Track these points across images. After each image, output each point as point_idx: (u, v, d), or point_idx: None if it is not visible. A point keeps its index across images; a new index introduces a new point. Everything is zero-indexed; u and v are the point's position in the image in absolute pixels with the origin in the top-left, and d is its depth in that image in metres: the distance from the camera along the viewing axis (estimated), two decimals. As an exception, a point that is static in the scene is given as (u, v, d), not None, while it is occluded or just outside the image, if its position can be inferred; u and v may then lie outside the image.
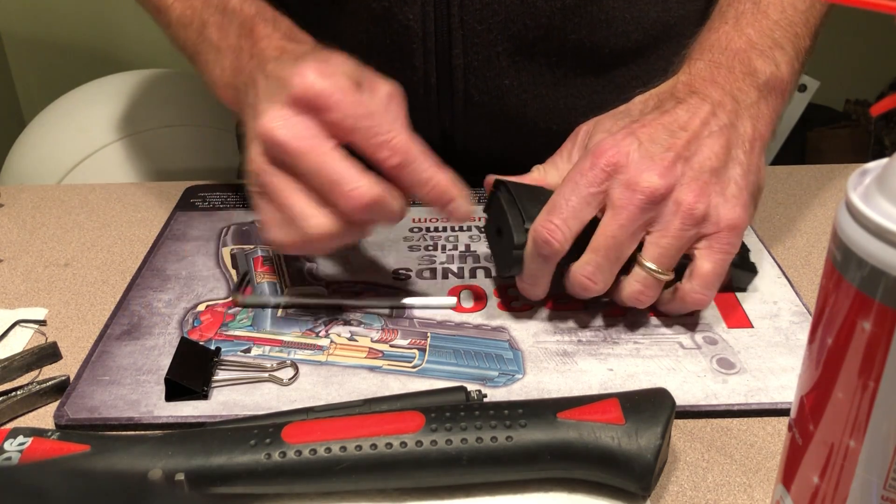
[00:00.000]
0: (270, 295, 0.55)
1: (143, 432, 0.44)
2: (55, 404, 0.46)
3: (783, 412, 0.44)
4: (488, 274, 0.57)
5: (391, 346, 0.49)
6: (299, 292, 0.55)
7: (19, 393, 0.45)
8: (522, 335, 0.50)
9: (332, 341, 0.50)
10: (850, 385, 0.28)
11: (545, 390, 0.46)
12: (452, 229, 0.62)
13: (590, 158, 0.47)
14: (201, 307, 0.53)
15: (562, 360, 0.48)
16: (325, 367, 0.48)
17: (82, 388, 0.46)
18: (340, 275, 0.57)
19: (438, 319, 0.52)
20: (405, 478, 0.38)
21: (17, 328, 0.52)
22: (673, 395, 0.40)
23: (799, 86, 1.62)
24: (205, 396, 0.45)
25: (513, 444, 0.37)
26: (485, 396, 0.43)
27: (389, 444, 0.37)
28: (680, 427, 0.44)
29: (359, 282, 0.56)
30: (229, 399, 0.45)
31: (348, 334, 0.51)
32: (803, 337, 0.50)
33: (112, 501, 0.37)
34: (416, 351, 0.49)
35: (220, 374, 0.47)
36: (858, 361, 0.27)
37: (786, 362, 0.48)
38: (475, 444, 0.37)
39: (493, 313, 0.52)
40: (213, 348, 0.49)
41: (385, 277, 0.56)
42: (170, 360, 0.47)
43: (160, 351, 0.49)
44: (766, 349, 0.49)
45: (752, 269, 0.54)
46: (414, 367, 0.48)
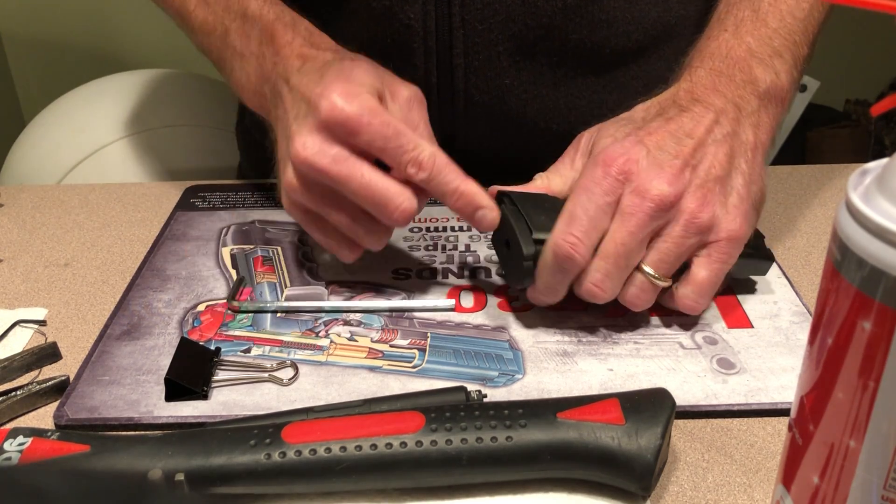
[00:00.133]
0: (270, 295, 0.55)
1: (143, 432, 0.44)
2: (55, 404, 0.46)
3: (783, 412, 0.44)
4: (488, 274, 0.57)
5: (391, 346, 0.49)
6: (299, 292, 0.55)
7: (19, 393, 0.45)
8: (522, 335, 0.50)
9: (332, 341, 0.50)
10: (850, 385, 0.28)
11: (545, 390, 0.46)
12: (452, 229, 0.62)
13: (601, 167, 0.46)
14: (201, 307, 0.53)
15: (562, 360, 0.48)
16: (325, 367, 0.48)
17: (82, 388, 0.46)
18: (340, 275, 0.57)
19: (438, 319, 0.52)
20: (405, 478, 0.38)
21: (17, 328, 0.52)
22: (673, 395, 0.40)
23: (799, 86, 1.62)
24: (205, 396, 0.45)
25: (513, 444, 0.37)
26: (485, 396, 0.43)
27: (389, 444, 0.37)
28: (680, 427, 0.43)
29: (359, 282, 0.56)
30: (229, 399, 0.45)
31: (348, 334, 0.51)
32: (803, 337, 0.50)
33: (112, 501, 0.37)
34: (416, 351, 0.49)
35: (220, 375, 0.47)
36: (858, 361, 0.27)
37: (786, 362, 0.48)
38: (475, 444, 0.37)
39: (493, 313, 0.52)
40: (212, 348, 0.49)
41: (385, 277, 0.56)
42: (170, 360, 0.47)
43: (160, 351, 0.49)
44: (766, 349, 0.49)
45: (768, 257, 0.54)
46: (414, 367, 0.48)
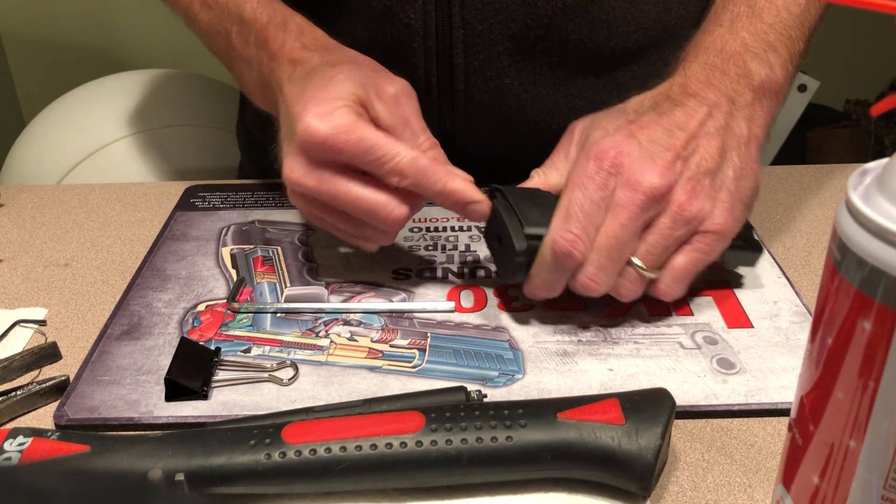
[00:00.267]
0: (270, 295, 0.55)
1: (143, 432, 0.44)
2: (55, 404, 0.46)
3: (783, 412, 0.44)
4: (488, 274, 0.57)
5: (391, 346, 0.49)
6: (299, 292, 0.55)
7: (19, 393, 0.45)
8: (522, 335, 0.50)
9: (332, 341, 0.50)
10: (850, 385, 0.28)
11: (545, 390, 0.46)
12: (452, 229, 0.62)
13: (593, 161, 0.47)
14: (201, 307, 0.53)
15: (562, 360, 0.48)
16: (325, 367, 0.48)
17: (82, 388, 0.46)
18: (340, 275, 0.57)
19: (438, 319, 0.52)
20: (405, 478, 0.38)
21: (17, 328, 0.52)
22: (673, 395, 0.40)
23: (799, 86, 1.62)
24: (205, 396, 0.45)
25: (513, 444, 0.37)
26: (485, 396, 0.43)
27: (389, 444, 0.37)
28: (680, 427, 0.43)
29: (359, 282, 0.56)
30: (229, 399, 0.45)
31: (348, 334, 0.51)
32: (803, 337, 0.50)
33: (112, 501, 0.37)
34: (416, 351, 0.49)
35: (220, 374, 0.47)
36: (858, 361, 0.27)
37: (786, 362, 0.48)
38: (475, 444, 0.37)
39: (493, 313, 0.52)
40: (212, 348, 0.49)
41: (385, 277, 0.56)
42: (170, 360, 0.47)
43: (160, 351, 0.49)
44: (766, 349, 0.49)
45: (757, 248, 0.54)
46: (414, 367, 0.48)
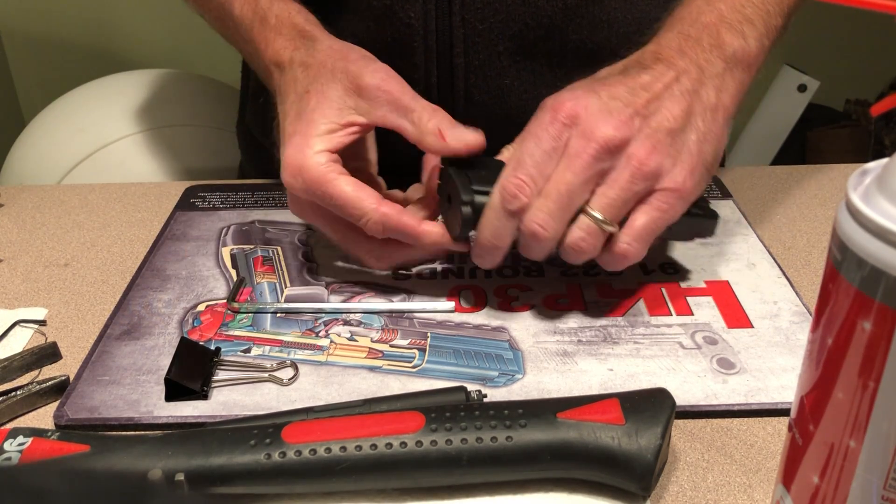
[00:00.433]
0: (270, 295, 0.55)
1: (143, 432, 0.44)
2: (55, 404, 0.46)
3: (783, 412, 0.44)
4: (488, 274, 0.56)
5: (391, 346, 0.49)
6: (299, 292, 0.55)
7: (19, 393, 0.45)
8: (522, 335, 0.50)
9: (331, 341, 0.50)
10: (850, 385, 0.28)
11: (545, 390, 0.46)
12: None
13: (549, 112, 0.47)
14: (201, 307, 0.53)
15: (562, 360, 0.48)
16: (325, 367, 0.48)
17: (82, 388, 0.46)
18: (340, 275, 0.57)
19: (438, 319, 0.52)
20: (405, 478, 0.38)
21: (17, 328, 0.52)
22: (673, 395, 0.40)
23: (799, 86, 1.62)
24: (205, 396, 0.45)
25: (513, 444, 0.37)
26: (485, 396, 0.43)
27: (389, 444, 0.37)
28: (680, 427, 0.43)
29: (359, 282, 0.56)
30: (229, 399, 0.45)
31: (348, 334, 0.51)
32: (803, 337, 0.50)
33: (112, 501, 0.37)
34: (416, 351, 0.49)
35: (220, 374, 0.47)
36: (858, 361, 0.27)
37: (786, 362, 0.48)
38: (475, 444, 0.37)
39: (493, 313, 0.52)
40: (212, 348, 0.49)
41: (385, 277, 0.56)
42: (170, 360, 0.47)
43: (160, 351, 0.49)
44: (766, 349, 0.49)
45: (713, 216, 0.54)
46: (414, 367, 0.48)
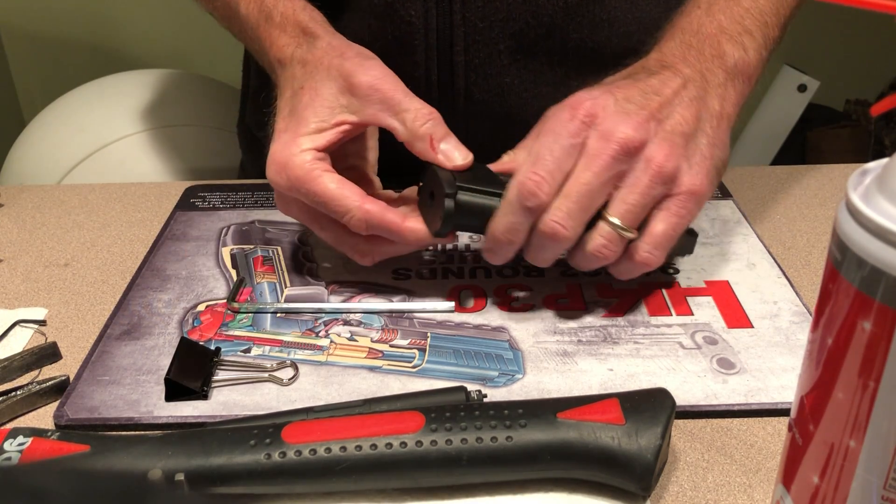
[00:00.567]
0: (270, 295, 0.55)
1: (143, 432, 0.44)
2: (55, 404, 0.46)
3: (783, 412, 0.44)
4: (488, 274, 0.57)
5: (391, 346, 0.49)
6: (299, 292, 0.55)
7: (19, 393, 0.45)
8: (522, 335, 0.50)
9: (332, 341, 0.50)
10: (850, 385, 0.28)
11: (545, 390, 0.46)
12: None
13: (568, 110, 0.47)
14: (201, 307, 0.53)
15: (562, 360, 0.48)
16: (325, 367, 0.48)
17: (82, 388, 0.46)
18: (340, 275, 0.57)
19: (438, 319, 0.52)
20: (405, 478, 0.38)
21: (17, 328, 0.52)
22: (673, 395, 0.40)
23: (799, 86, 1.62)
24: (205, 396, 0.45)
25: (513, 444, 0.37)
26: (485, 396, 0.43)
27: (389, 444, 0.37)
28: (680, 427, 0.43)
29: (359, 282, 0.56)
30: (229, 399, 0.45)
31: (348, 334, 0.51)
32: (803, 337, 0.50)
33: (112, 501, 0.37)
34: (416, 351, 0.49)
35: (220, 374, 0.47)
36: (858, 361, 0.27)
37: (786, 362, 0.48)
38: (475, 444, 0.37)
39: (493, 313, 0.52)
40: (213, 348, 0.49)
41: (385, 277, 0.56)
42: (170, 360, 0.47)
43: (160, 351, 0.49)
44: (766, 349, 0.49)
45: (693, 233, 0.55)
46: (414, 367, 0.48)
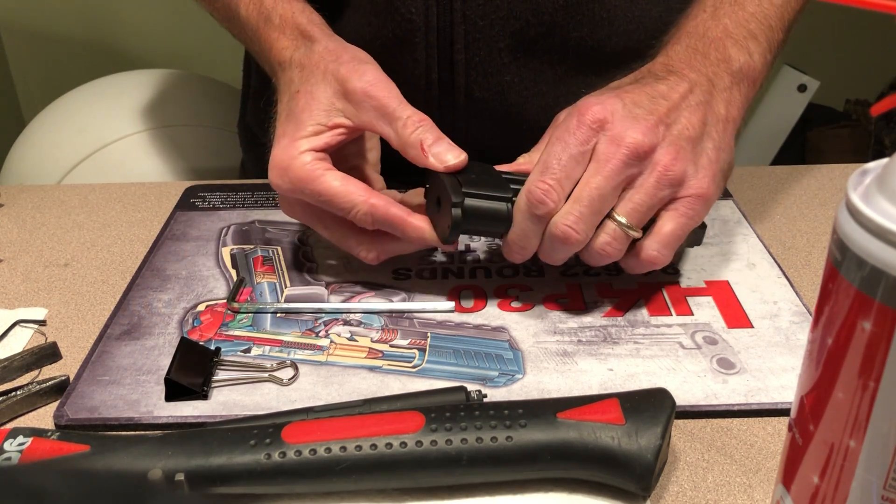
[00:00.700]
0: (270, 295, 0.55)
1: (142, 432, 0.44)
2: (55, 404, 0.46)
3: (783, 412, 0.44)
4: (488, 274, 0.57)
5: (391, 346, 0.49)
6: (299, 292, 0.55)
7: (19, 393, 0.45)
8: (522, 335, 0.50)
9: (331, 341, 0.50)
10: (850, 385, 0.28)
11: (545, 390, 0.46)
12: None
13: (576, 116, 0.48)
14: (201, 307, 0.53)
15: (562, 360, 0.48)
16: (325, 367, 0.48)
17: (82, 388, 0.46)
18: (340, 275, 0.57)
19: (438, 319, 0.52)
20: (405, 478, 0.38)
21: (17, 328, 0.52)
22: (673, 395, 0.40)
23: (799, 86, 1.62)
24: (205, 396, 0.45)
25: (513, 444, 0.37)
26: (485, 396, 0.43)
27: (389, 444, 0.37)
28: (680, 427, 0.43)
29: (359, 282, 0.56)
30: (229, 399, 0.45)
31: (348, 334, 0.51)
32: (803, 337, 0.50)
33: (112, 501, 0.37)
34: (416, 351, 0.49)
35: (220, 374, 0.47)
36: (858, 361, 0.27)
37: (786, 362, 0.48)
38: (475, 444, 0.37)
39: (493, 313, 0.52)
40: (213, 348, 0.49)
41: (385, 277, 0.56)
42: (170, 360, 0.47)
43: (160, 351, 0.49)
44: (766, 349, 0.49)
45: (702, 224, 0.54)
46: (414, 367, 0.48)
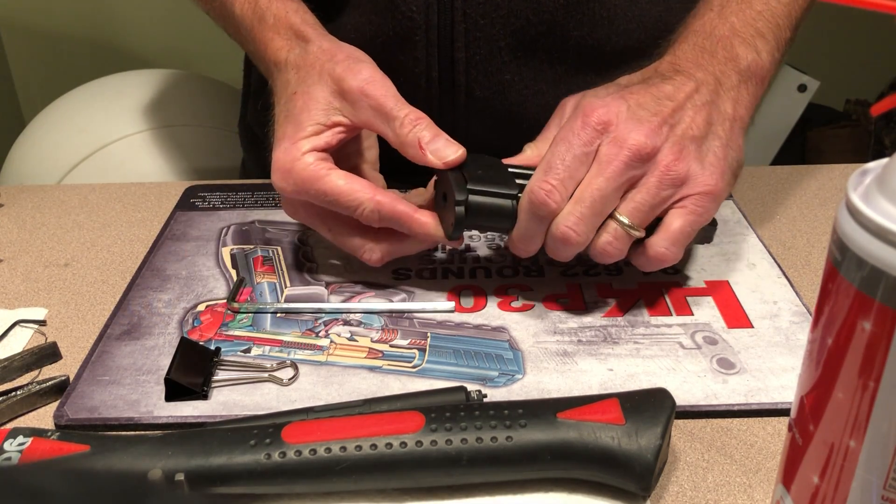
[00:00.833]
0: (270, 295, 0.55)
1: (142, 432, 0.44)
2: (55, 404, 0.46)
3: (783, 412, 0.44)
4: (488, 274, 0.57)
5: (391, 346, 0.49)
6: (299, 292, 0.55)
7: (19, 393, 0.45)
8: (522, 335, 0.50)
9: (332, 341, 0.50)
10: (850, 385, 0.28)
11: (545, 390, 0.46)
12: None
13: (580, 118, 0.48)
14: (201, 307, 0.53)
15: (562, 360, 0.48)
16: (325, 367, 0.48)
17: (82, 388, 0.46)
18: (340, 275, 0.57)
19: (438, 319, 0.52)
20: (405, 478, 0.38)
21: (17, 328, 0.52)
22: (673, 395, 0.40)
23: (799, 86, 1.62)
24: (205, 396, 0.45)
25: (513, 444, 0.37)
26: (485, 396, 0.43)
27: (389, 444, 0.37)
28: (680, 427, 0.43)
29: (359, 282, 0.56)
30: (229, 399, 0.45)
31: (348, 334, 0.51)
32: (803, 337, 0.50)
33: (112, 501, 0.37)
34: (416, 351, 0.49)
35: (220, 374, 0.47)
36: (858, 361, 0.27)
37: (786, 362, 0.48)
38: (475, 444, 0.37)
39: (493, 313, 0.52)
40: (212, 348, 0.49)
41: (385, 277, 0.56)
42: (170, 360, 0.47)
43: (160, 351, 0.49)
44: (766, 349, 0.49)
45: (713, 222, 0.55)
46: (414, 367, 0.48)
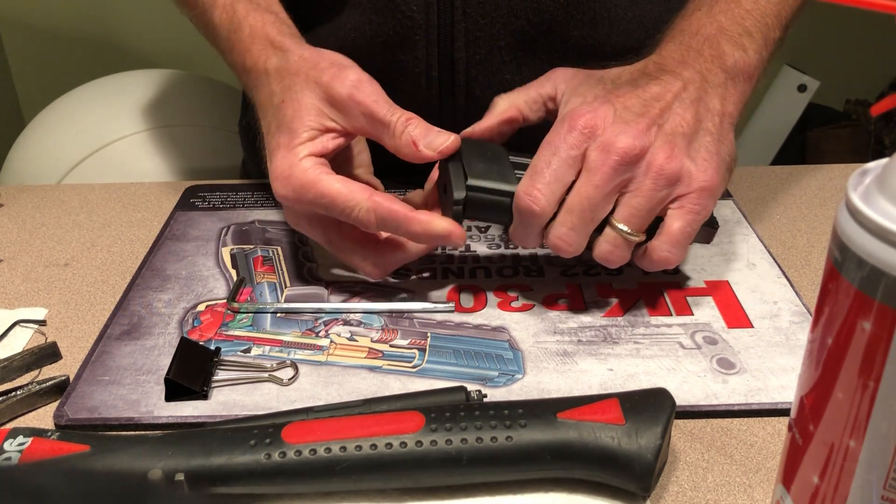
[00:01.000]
0: (270, 295, 0.55)
1: (142, 432, 0.44)
2: (55, 404, 0.46)
3: (783, 412, 0.44)
4: (488, 274, 0.57)
5: (391, 346, 0.49)
6: (299, 292, 0.55)
7: (19, 393, 0.45)
8: (522, 335, 0.50)
9: (331, 341, 0.50)
10: (850, 385, 0.28)
11: (545, 390, 0.46)
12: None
13: (567, 123, 0.48)
14: (201, 307, 0.53)
15: (562, 360, 0.48)
16: (325, 367, 0.48)
17: (82, 388, 0.46)
18: (340, 275, 0.57)
19: (438, 319, 0.52)
20: (405, 478, 0.38)
21: (17, 328, 0.52)
22: (673, 395, 0.40)
23: (799, 86, 1.62)
24: (205, 396, 0.45)
25: (513, 444, 0.37)
26: (485, 396, 0.43)
27: (389, 444, 0.37)
28: (680, 427, 0.43)
29: (359, 282, 0.56)
30: (229, 399, 0.45)
31: (348, 334, 0.51)
32: (803, 337, 0.50)
33: (112, 501, 0.37)
34: (416, 351, 0.49)
35: (220, 374, 0.47)
36: (858, 361, 0.27)
37: (786, 362, 0.48)
38: (475, 444, 0.37)
39: (493, 313, 0.52)
40: (212, 348, 0.49)
41: (385, 277, 0.56)
42: (170, 360, 0.47)
43: (160, 351, 0.49)
44: (766, 349, 0.49)
45: (714, 223, 0.54)
46: (414, 367, 0.48)
